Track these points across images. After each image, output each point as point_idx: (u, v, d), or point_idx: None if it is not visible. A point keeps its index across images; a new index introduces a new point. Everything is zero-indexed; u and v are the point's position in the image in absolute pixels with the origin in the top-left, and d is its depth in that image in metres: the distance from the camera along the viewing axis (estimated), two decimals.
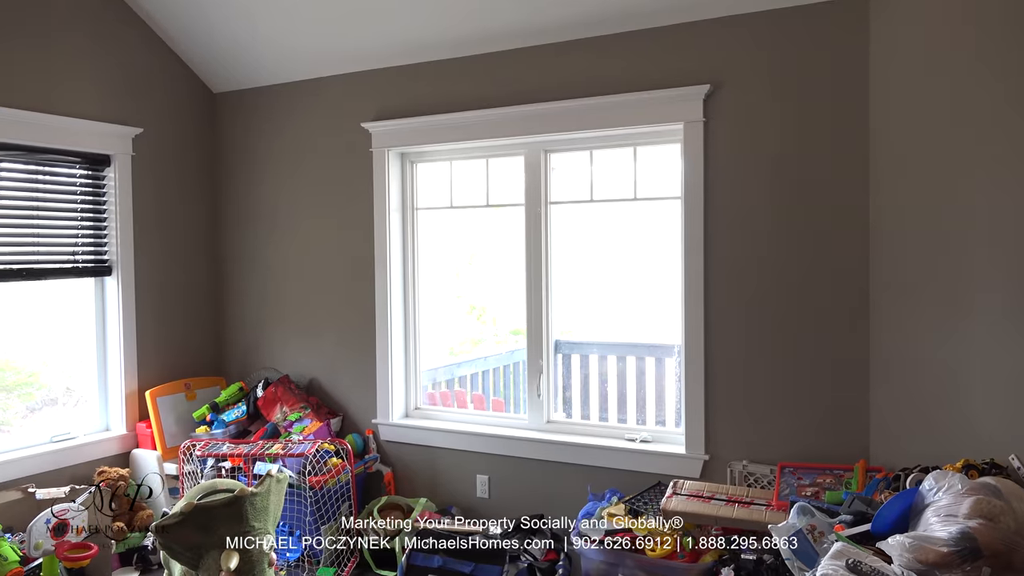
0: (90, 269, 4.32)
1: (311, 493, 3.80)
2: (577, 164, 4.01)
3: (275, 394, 4.37)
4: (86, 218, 4.29)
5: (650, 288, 4.18)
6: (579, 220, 4.11)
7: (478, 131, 4.02)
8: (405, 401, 4.42)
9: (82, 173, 4.27)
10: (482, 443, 4.09)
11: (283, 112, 4.65)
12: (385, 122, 4.24)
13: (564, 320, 4.23)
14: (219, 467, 3.90)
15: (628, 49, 3.66)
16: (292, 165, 4.64)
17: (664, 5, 3.48)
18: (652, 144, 3.78)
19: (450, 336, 4.84)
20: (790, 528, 2.49)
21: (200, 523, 2.98)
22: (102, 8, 4.24)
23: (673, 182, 3.72)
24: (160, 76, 4.58)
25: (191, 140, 4.79)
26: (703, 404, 3.57)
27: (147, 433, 4.37)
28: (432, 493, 4.22)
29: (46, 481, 3.95)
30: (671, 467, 3.63)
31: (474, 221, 4.47)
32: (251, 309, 4.84)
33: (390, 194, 4.31)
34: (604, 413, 4.37)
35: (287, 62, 4.47)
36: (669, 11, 3.50)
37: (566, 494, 3.84)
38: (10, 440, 4.01)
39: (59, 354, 4.32)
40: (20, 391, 4.22)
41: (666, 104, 3.56)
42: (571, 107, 3.75)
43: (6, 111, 3.81)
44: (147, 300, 4.52)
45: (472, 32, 3.89)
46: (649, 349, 4.34)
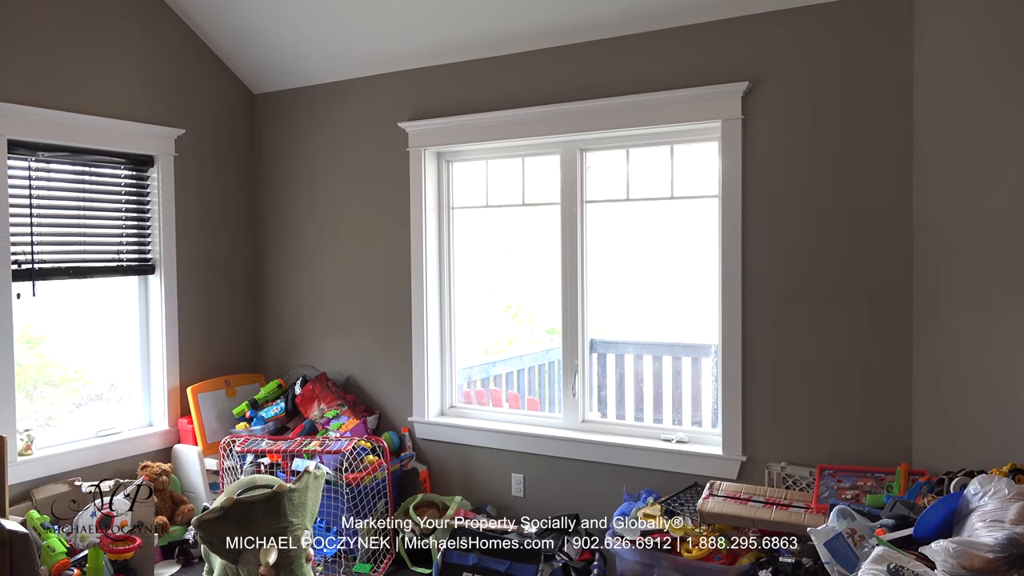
0: (134, 268, 4.41)
1: (348, 490, 3.84)
2: (613, 163, 3.99)
3: (313, 391, 4.42)
4: (130, 218, 4.39)
5: (686, 287, 4.14)
6: (615, 219, 4.10)
7: (514, 130, 4.02)
8: (441, 399, 4.44)
9: (126, 173, 4.36)
10: (517, 442, 4.09)
11: (321, 112, 4.70)
12: (421, 122, 4.27)
13: (599, 319, 4.21)
14: (258, 463, 3.96)
15: (665, 46, 3.63)
16: (330, 165, 4.69)
17: (702, 2, 3.44)
18: (689, 142, 3.75)
19: (485, 335, 4.85)
20: (830, 531, 2.45)
21: (240, 518, 3.04)
22: (146, 11, 4.33)
23: (710, 180, 3.68)
24: (202, 78, 4.66)
25: (231, 141, 4.87)
26: (740, 405, 3.53)
27: (188, 429, 4.46)
28: (467, 491, 4.24)
29: (92, 474, 4.05)
30: (708, 468, 3.60)
31: (510, 220, 4.47)
32: (289, 307, 4.90)
33: (426, 193, 4.33)
34: (640, 413, 4.35)
35: (325, 63, 4.52)
36: (707, 8, 3.47)
37: (601, 494, 3.83)
38: (57, 434, 4.11)
39: (104, 351, 4.42)
40: (67, 387, 4.32)
41: (703, 102, 3.53)
42: (607, 105, 3.73)
43: (55, 113, 3.91)
44: (189, 298, 4.61)
45: (507, 31, 3.89)
46: (685, 349, 4.30)
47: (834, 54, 3.29)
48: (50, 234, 4.02)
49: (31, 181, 3.92)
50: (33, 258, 3.93)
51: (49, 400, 4.20)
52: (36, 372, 4.15)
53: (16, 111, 3.76)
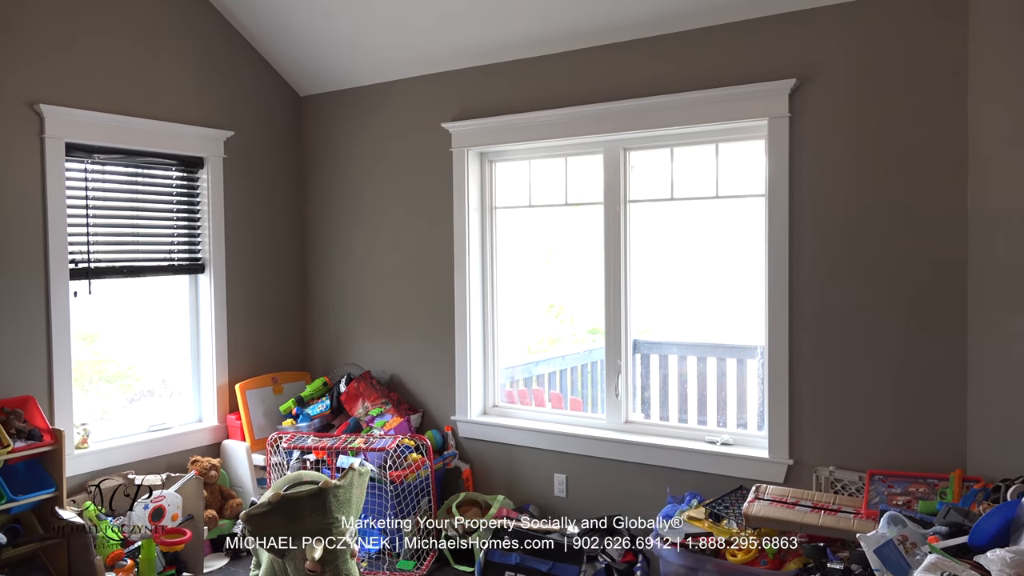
0: (185, 267, 4.51)
1: (391, 487, 3.88)
2: (657, 162, 3.96)
3: (357, 389, 4.47)
4: (181, 218, 4.49)
5: (732, 288, 4.09)
6: (659, 218, 4.06)
7: (556, 130, 4.01)
8: (483, 398, 4.46)
9: (177, 175, 4.47)
10: (560, 442, 4.09)
11: (365, 114, 4.76)
12: (464, 122, 4.29)
13: (643, 319, 4.18)
14: (304, 459, 4.02)
15: (710, 44, 3.59)
16: (374, 166, 4.74)
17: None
18: (735, 141, 3.71)
19: (528, 335, 4.85)
20: (880, 538, 2.40)
21: (286, 513, 3.09)
22: (197, 16, 4.43)
23: (756, 179, 3.63)
24: (250, 81, 4.75)
25: (278, 142, 4.96)
26: (787, 407, 3.48)
27: (237, 425, 4.55)
28: (510, 491, 4.25)
29: (144, 468, 4.15)
30: (753, 471, 3.55)
31: (552, 220, 4.47)
32: (335, 306, 4.97)
33: (469, 193, 4.35)
34: (683, 414, 4.31)
35: (369, 65, 4.57)
36: (753, 4, 3.42)
37: (644, 495, 3.80)
38: (112, 429, 4.22)
39: (155, 348, 4.53)
40: (120, 382, 4.44)
41: (750, 99, 3.48)
42: (650, 104, 3.71)
43: (110, 116, 4.02)
44: (237, 297, 4.70)
45: (550, 31, 3.89)
46: (730, 350, 4.25)
47: (884, 49, 3.22)
48: (105, 234, 4.13)
49: (87, 183, 4.03)
50: (89, 257, 4.04)
51: (104, 395, 4.32)
52: (91, 368, 4.27)
53: (74, 115, 3.87)
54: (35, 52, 3.75)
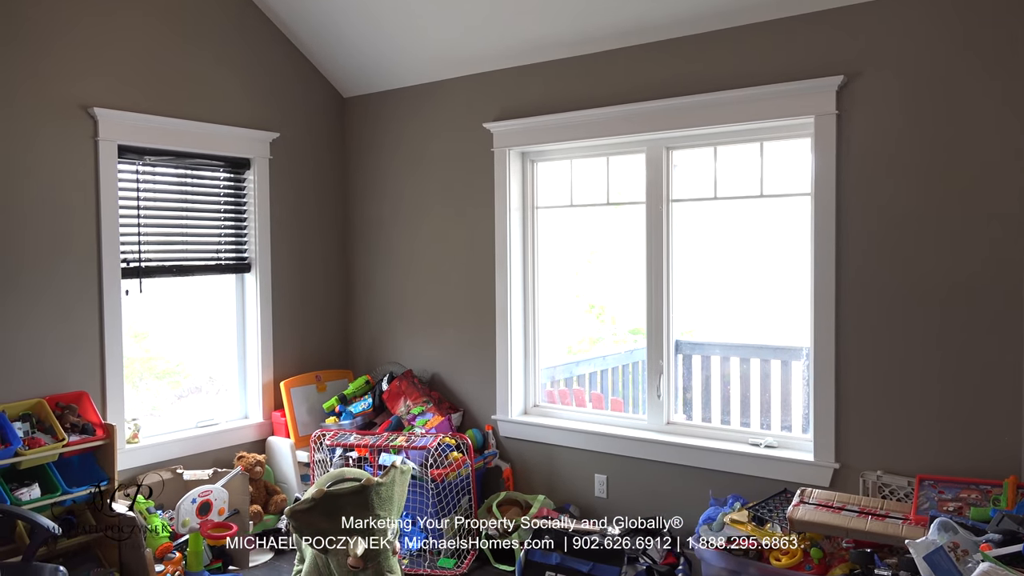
0: (231, 266, 4.60)
1: (432, 485, 3.91)
2: (700, 160, 3.92)
3: (399, 388, 4.51)
4: (228, 218, 4.58)
5: (776, 288, 4.03)
6: (702, 218, 4.02)
7: (598, 129, 4.00)
8: (524, 398, 4.46)
9: (224, 176, 4.55)
10: (601, 442, 4.07)
11: (408, 114, 4.79)
12: (506, 122, 4.29)
13: (685, 320, 4.14)
14: (347, 456, 4.07)
15: (754, 41, 3.55)
16: (416, 166, 4.77)
17: None
18: (780, 139, 3.65)
19: (569, 334, 4.84)
20: (930, 544, 2.35)
21: (329, 509, 3.12)
22: (245, 19, 4.51)
23: (802, 178, 3.57)
24: (295, 83, 4.82)
25: (323, 143, 5.02)
26: (834, 410, 3.41)
27: (281, 422, 4.62)
28: (550, 490, 4.24)
29: (192, 463, 4.24)
30: (798, 475, 3.49)
31: (594, 219, 4.45)
32: (377, 305, 5.02)
33: (511, 193, 4.36)
34: (726, 416, 4.26)
35: (412, 66, 4.61)
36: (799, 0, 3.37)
37: (686, 497, 3.77)
38: (161, 424, 4.33)
39: (203, 345, 4.63)
40: (169, 379, 4.55)
41: (796, 97, 3.43)
42: (694, 102, 3.67)
43: (161, 119, 4.11)
44: (282, 295, 4.77)
45: (591, 30, 3.88)
46: (775, 351, 4.19)
47: (937, 43, 3.14)
48: (155, 234, 4.23)
49: (138, 184, 4.14)
50: (140, 256, 4.14)
51: (153, 391, 4.43)
52: (142, 364, 4.38)
53: (126, 118, 3.97)
54: (89, 57, 3.86)
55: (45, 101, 3.72)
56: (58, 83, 3.76)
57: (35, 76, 3.68)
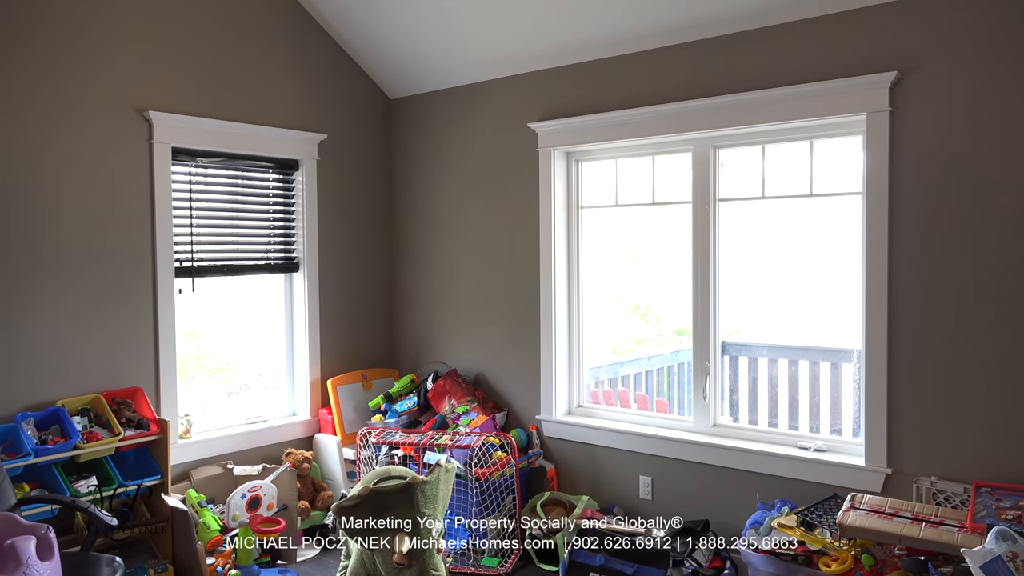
0: (280, 265, 4.68)
1: (477, 484, 3.92)
2: (748, 159, 3.87)
3: (444, 387, 4.54)
4: (277, 218, 4.66)
5: (826, 289, 3.96)
6: (749, 217, 3.97)
7: (644, 128, 3.97)
8: (568, 398, 4.45)
9: (274, 177, 4.63)
10: (645, 444, 4.05)
11: (453, 115, 4.82)
12: (551, 122, 4.29)
13: (732, 321, 4.10)
14: (392, 454, 4.11)
15: (803, 37, 3.48)
16: (461, 166, 4.80)
17: None
18: (830, 137, 3.58)
19: (613, 335, 4.82)
20: (987, 553, 2.28)
21: (375, 506, 3.16)
22: (294, 23, 4.58)
23: (853, 176, 3.50)
24: (343, 85, 4.88)
25: (369, 144, 5.08)
26: (886, 413, 3.34)
27: (328, 419, 4.68)
28: (594, 491, 4.23)
29: (242, 459, 4.33)
30: (848, 479, 3.42)
31: (639, 219, 4.42)
32: (422, 304, 5.06)
33: (555, 193, 4.36)
34: (774, 419, 4.20)
35: (457, 67, 4.63)
36: None
37: (732, 500, 3.72)
38: (212, 420, 4.42)
39: (252, 343, 4.72)
40: (220, 376, 4.64)
41: (847, 94, 3.36)
42: (742, 100, 3.62)
43: (213, 122, 4.20)
44: (329, 295, 4.84)
45: (638, 29, 3.85)
46: (824, 353, 4.12)
47: (994, 37, 3.04)
48: (207, 234, 4.32)
49: (191, 185, 4.23)
50: (193, 256, 4.24)
51: (204, 388, 4.52)
52: (194, 362, 4.48)
53: (180, 121, 4.07)
54: (144, 61, 3.96)
55: (103, 105, 3.83)
56: (115, 87, 3.86)
57: (94, 81, 3.79)
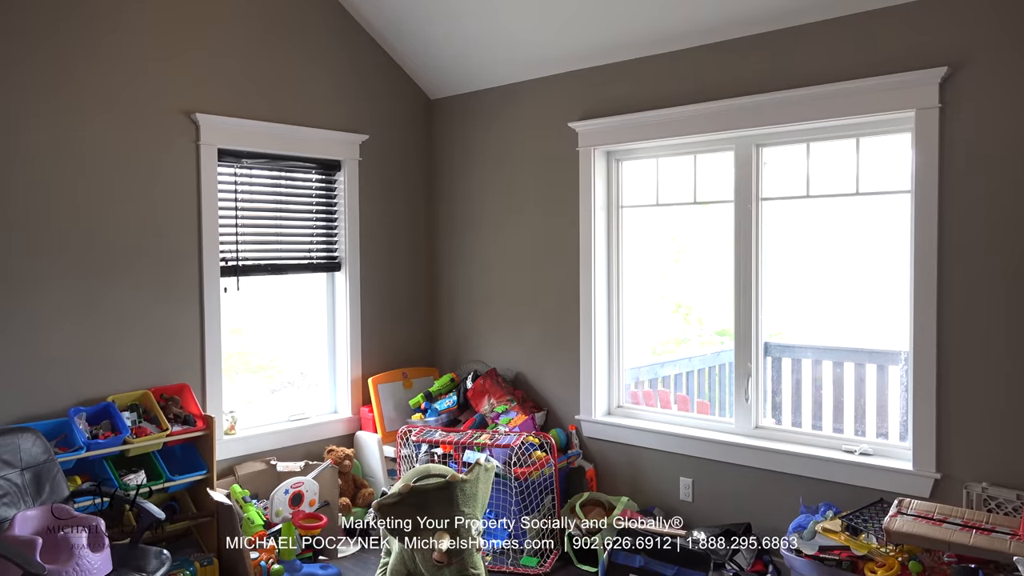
0: (323, 265, 4.74)
1: (516, 484, 3.92)
2: (792, 158, 3.81)
3: (483, 386, 4.55)
4: (319, 218, 4.72)
5: (873, 289, 3.88)
6: (793, 216, 3.91)
7: (685, 127, 3.94)
8: (608, 399, 4.43)
9: (316, 178, 4.69)
10: (686, 445, 4.01)
11: (493, 115, 4.83)
12: (591, 121, 4.28)
13: (775, 322, 4.03)
14: (431, 453, 4.13)
15: (850, 33, 3.42)
16: (501, 166, 4.81)
17: None
18: (877, 134, 3.51)
19: (653, 335, 4.78)
20: None
21: (415, 504, 3.18)
22: (338, 25, 4.64)
23: (901, 175, 3.43)
24: (385, 86, 4.93)
25: (410, 145, 5.12)
26: (934, 417, 3.26)
27: (369, 417, 4.73)
28: (634, 492, 4.20)
29: (285, 455, 4.39)
30: (895, 484, 3.35)
31: (680, 218, 4.38)
32: (462, 304, 5.08)
33: (595, 192, 4.34)
34: (818, 421, 4.12)
35: (498, 68, 4.64)
36: None
37: (775, 504, 3.67)
38: (256, 417, 4.49)
39: (295, 342, 4.79)
40: (263, 373, 4.72)
41: (894, 90, 3.29)
42: (786, 98, 3.57)
43: (258, 123, 4.28)
44: (370, 294, 4.89)
45: (679, 27, 3.82)
46: (870, 355, 4.03)
47: None
48: (251, 234, 4.39)
49: (236, 186, 4.31)
50: (238, 255, 4.31)
51: (249, 385, 4.60)
52: (238, 359, 4.55)
53: (225, 123, 4.14)
54: (191, 65, 4.04)
55: (152, 108, 3.91)
56: (164, 91, 3.95)
57: (144, 84, 3.88)
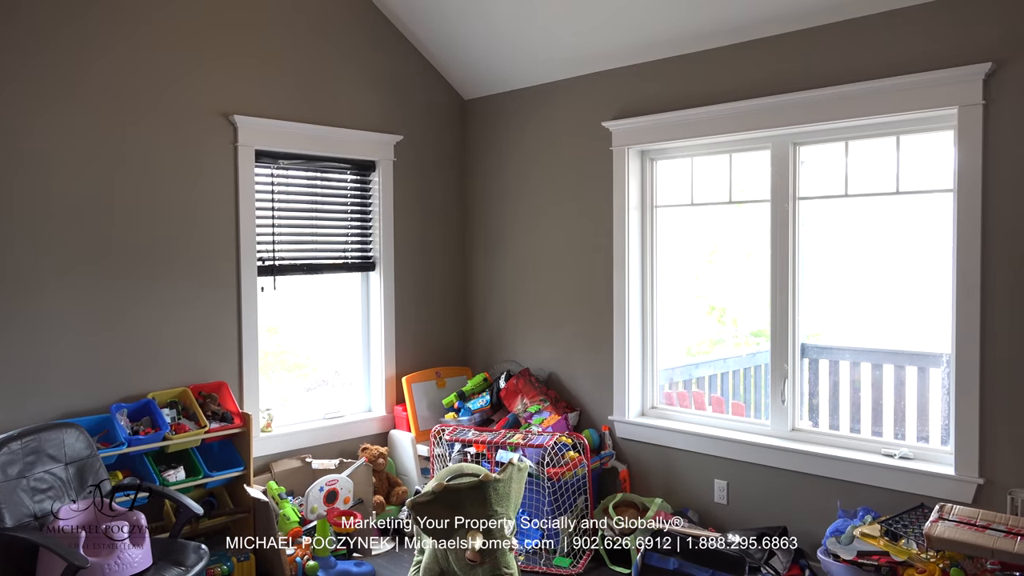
0: (357, 264, 4.78)
1: (549, 484, 3.92)
2: (830, 156, 3.75)
3: (516, 386, 4.55)
4: (354, 218, 4.76)
5: (912, 290, 3.81)
6: (831, 216, 3.85)
7: (721, 126, 3.90)
8: (642, 399, 4.41)
9: (351, 178, 4.73)
10: (721, 447, 3.97)
11: (527, 115, 4.83)
12: (625, 120, 4.25)
13: (812, 323, 3.98)
14: (465, 452, 4.14)
15: (888, 29, 3.35)
16: (534, 166, 4.80)
17: None
18: (918, 132, 3.44)
19: (687, 336, 4.74)
20: None
21: (449, 503, 3.19)
22: (373, 26, 4.67)
23: (943, 173, 3.36)
24: (419, 87, 4.95)
25: (444, 145, 5.14)
26: (978, 421, 3.19)
27: (403, 416, 4.76)
28: (667, 494, 4.17)
29: (320, 453, 4.44)
30: (936, 489, 3.29)
31: (715, 218, 4.34)
32: (495, 303, 5.09)
33: (629, 192, 4.32)
34: (856, 424, 4.06)
35: (532, 67, 4.64)
36: None
37: (811, 507, 3.62)
38: (291, 415, 4.54)
39: (330, 340, 4.83)
40: (299, 372, 4.77)
41: (936, 87, 3.22)
42: (824, 96, 3.52)
43: (295, 125, 4.33)
44: (404, 293, 4.92)
45: (712, 25, 3.78)
46: (910, 357, 3.95)
47: None
48: (287, 234, 4.45)
49: (273, 186, 4.36)
50: (275, 255, 4.37)
51: (284, 383, 4.65)
52: (274, 358, 4.61)
53: (263, 124, 4.20)
54: (229, 67, 4.10)
55: (192, 110, 3.98)
56: (203, 93, 4.01)
57: (183, 87, 3.95)
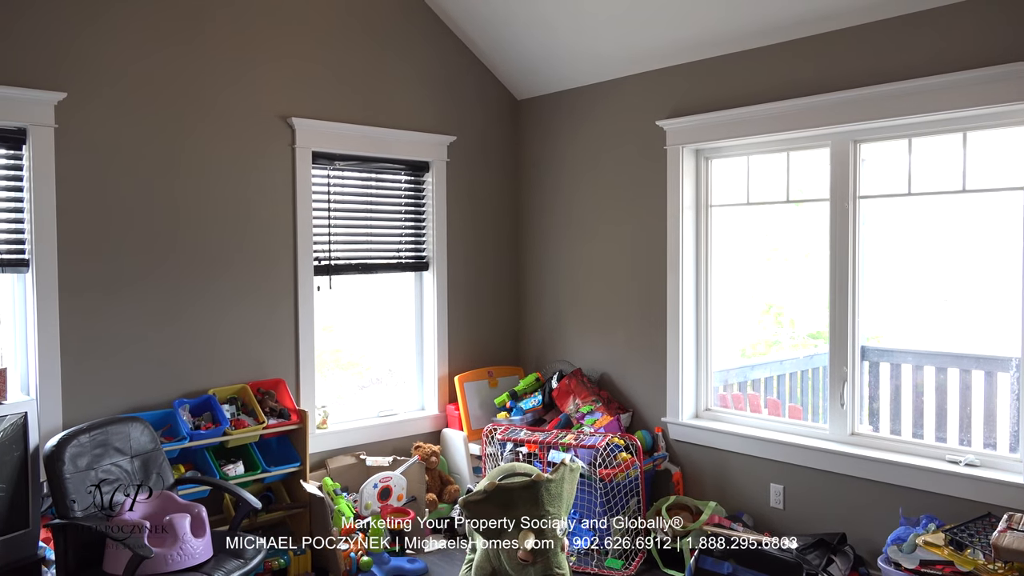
0: (411, 264, 4.83)
1: (601, 485, 3.90)
2: (892, 154, 3.65)
3: (568, 386, 4.55)
4: (408, 218, 4.81)
5: (980, 292, 3.68)
6: (893, 215, 3.75)
7: (778, 123, 3.83)
8: (695, 401, 4.35)
9: (405, 179, 4.79)
10: (777, 451, 3.90)
11: (580, 115, 4.82)
12: (680, 119, 4.21)
13: (872, 324, 3.88)
14: (516, 451, 4.15)
15: (955, 22, 3.25)
16: (587, 165, 4.79)
17: None
18: (986, 128, 3.33)
19: (742, 337, 4.67)
20: None
21: (501, 502, 3.20)
22: (426, 27, 4.72)
23: (1013, 170, 3.24)
24: (472, 88, 4.98)
25: (497, 145, 5.16)
26: None
27: (455, 415, 4.79)
28: (721, 497, 4.12)
29: (373, 450, 4.50)
30: (1004, 497, 3.17)
31: (772, 218, 4.26)
32: (547, 303, 5.08)
33: (684, 191, 4.27)
34: (918, 429, 3.94)
35: (584, 66, 4.63)
36: None
37: (871, 514, 3.53)
38: (346, 412, 4.61)
39: (384, 339, 4.89)
40: (353, 370, 4.84)
41: (1005, 81, 3.11)
42: (886, 92, 3.43)
43: (350, 127, 4.39)
44: (457, 293, 4.95)
45: (768, 21, 3.71)
46: (976, 361, 3.83)
47: None
48: (343, 234, 4.52)
49: (329, 187, 4.44)
50: (331, 255, 4.44)
51: (339, 381, 4.73)
52: (329, 356, 4.69)
53: (319, 126, 4.28)
54: (287, 70, 4.19)
55: (252, 113, 4.08)
56: (263, 96, 4.11)
57: (241, 90, 4.04)
